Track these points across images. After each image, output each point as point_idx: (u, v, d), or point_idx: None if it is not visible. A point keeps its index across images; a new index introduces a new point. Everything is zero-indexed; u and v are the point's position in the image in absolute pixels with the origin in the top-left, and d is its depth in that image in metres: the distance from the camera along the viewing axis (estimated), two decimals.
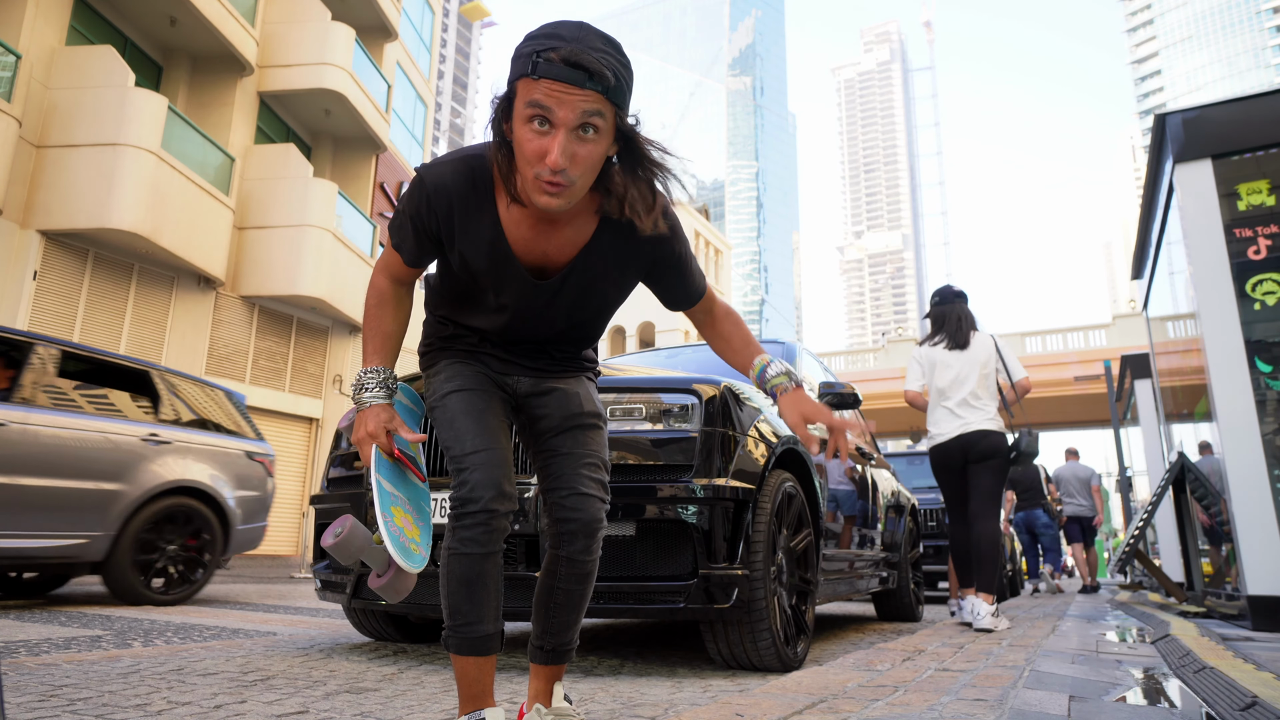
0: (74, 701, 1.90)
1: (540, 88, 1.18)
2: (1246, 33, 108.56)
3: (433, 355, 1.57)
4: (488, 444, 1.40)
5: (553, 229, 1.39)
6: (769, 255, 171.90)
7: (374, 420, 1.44)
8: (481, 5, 28.99)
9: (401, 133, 18.91)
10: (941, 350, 4.31)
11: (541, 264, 1.42)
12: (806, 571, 3.07)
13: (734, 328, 1.61)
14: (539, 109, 1.19)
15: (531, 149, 1.22)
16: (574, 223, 1.40)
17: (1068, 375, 25.83)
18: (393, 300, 1.52)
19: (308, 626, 4.08)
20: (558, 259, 1.42)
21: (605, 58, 1.20)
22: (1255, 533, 3.94)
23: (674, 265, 1.50)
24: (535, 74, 1.18)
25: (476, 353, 1.53)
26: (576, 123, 1.20)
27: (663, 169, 1.34)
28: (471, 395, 1.46)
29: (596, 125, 1.21)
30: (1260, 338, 4.22)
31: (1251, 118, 4.45)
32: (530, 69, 1.19)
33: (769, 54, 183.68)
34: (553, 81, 1.18)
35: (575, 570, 1.48)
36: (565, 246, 1.41)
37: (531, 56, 1.19)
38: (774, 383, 1.51)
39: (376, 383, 1.46)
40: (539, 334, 1.52)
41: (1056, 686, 2.06)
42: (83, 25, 11.81)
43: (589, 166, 1.25)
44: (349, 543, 1.38)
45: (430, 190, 1.36)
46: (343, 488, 3.15)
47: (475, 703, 1.39)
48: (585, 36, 1.21)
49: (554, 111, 1.19)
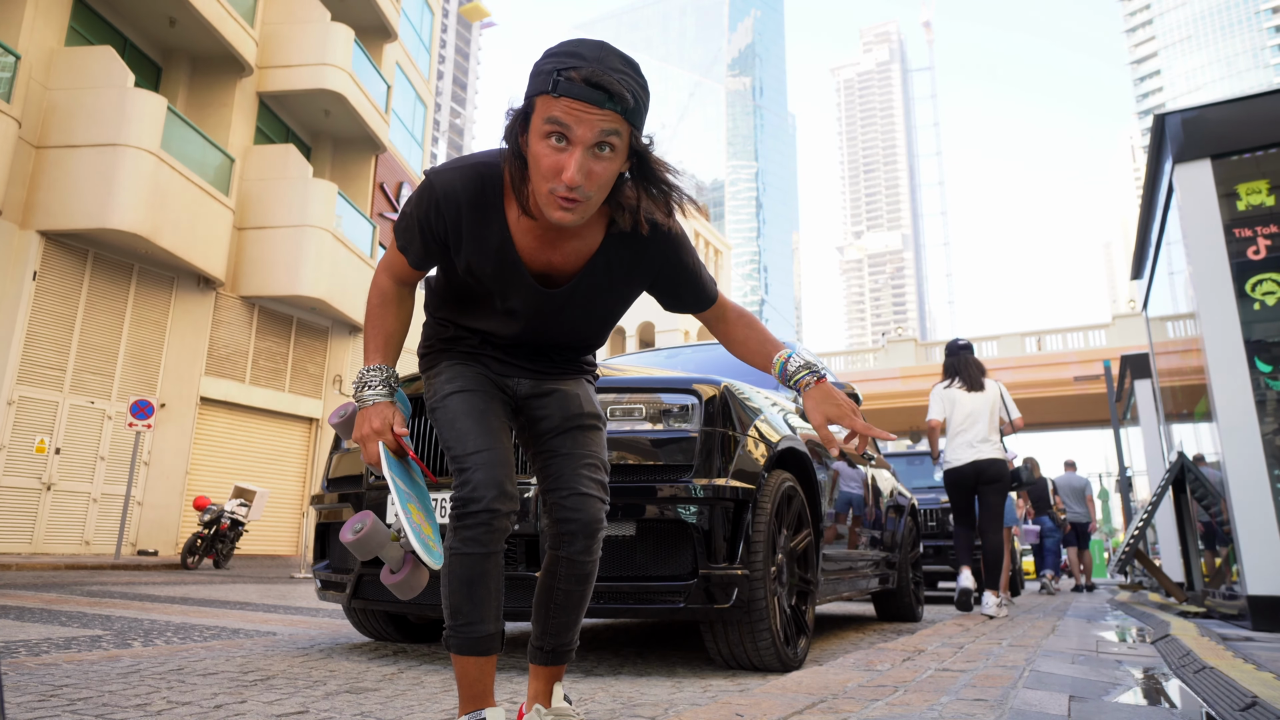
0: (74, 701, 1.90)
1: (560, 105, 1.20)
2: (1246, 33, 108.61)
3: (433, 357, 1.57)
4: (489, 444, 1.40)
5: (560, 239, 1.41)
6: (769, 255, 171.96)
7: (379, 418, 1.44)
8: (481, 5, 29.01)
9: (401, 133, 18.92)
10: (959, 391, 5.30)
11: (547, 272, 1.43)
12: (806, 571, 3.07)
13: (748, 330, 1.61)
14: (558, 126, 1.20)
15: (548, 165, 1.23)
16: (581, 234, 1.41)
17: (1068, 375, 25.82)
18: (395, 300, 1.52)
19: (308, 626, 4.08)
20: (564, 268, 1.43)
21: (625, 79, 1.21)
22: (1255, 533, 3.94)
23: (681, 273, 1.50)
24: (556, 92, 1.19)
25: (477, 354, 1.53)
26: (594, 141, 1.21)
27: (674, 189, 1.36)
28: (472, 396, 1.47)
29: (613, 144, 1.23)
30: (1260, 338, 4.22)
31: (1251, 118, 4.45)
32: (551, 87, 1.20)
33: (768, 54, 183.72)
34: (573, 100, 1.19)
35: (575, 571, 1.48)
36: (572, 256, 1.42)
37: (553, 74, 1.20)
38: (797, 378, 1.50)
39: (379, 380, 1.47)
40: (544, 340, 1.53)
41: (1056, 686, 2.06)
42: (82, 26, 11.81)
43: (603, 183, 1.26)
44: (370, 539, 1.39)
45: (440, 195, 1.37)
46: (342, 487, 3.15)
47: (476, 702, 1.39)
48: (606, 57, 1.22)
49: (572, 129, 1.20)
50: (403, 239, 1.46)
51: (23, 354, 10.48)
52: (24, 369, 10.53)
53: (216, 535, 10.38)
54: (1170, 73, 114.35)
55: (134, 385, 11.86)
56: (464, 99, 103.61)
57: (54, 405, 10.89)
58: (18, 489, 10.45)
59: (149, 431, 11.29)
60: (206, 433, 13.06)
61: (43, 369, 10.78)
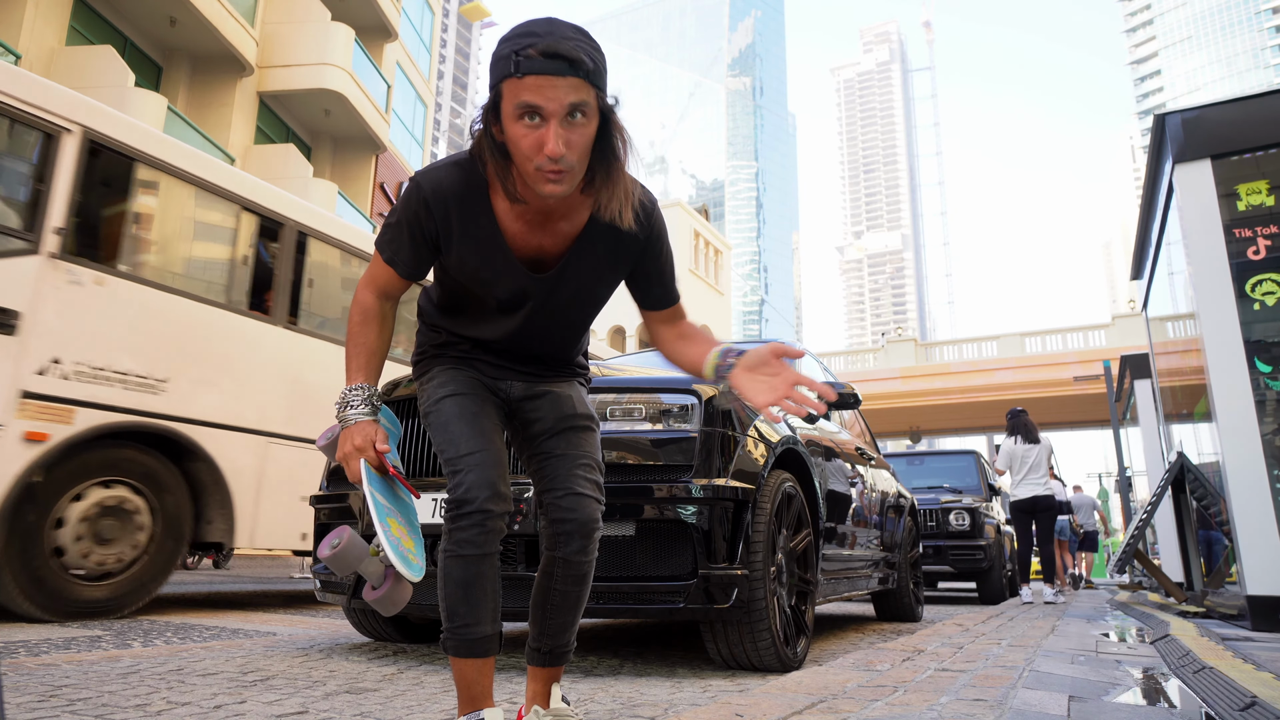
0: (74, 701, 1.90)
1: (526, 84, 1.23)
2: (1246, 33, 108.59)
3: (425, 363, 1.58)
4: (482, 445, 1.42)
5: (547, 221, 1.42)
6: (769, 255, 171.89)
7: (360, 435, 1.43)
8: (481, 5, 28.99)
9: (401, 133, 18.91)
10: (1021, 444, 7.48)
11: (538, 256, 1.45)
12: (806, 571, 3.07)
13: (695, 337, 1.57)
14: (528, 105, 1.23)
15: (528, 143, 1.26)
16: (568, 215, 1.43)
17: (1067, 375, 25.82)
18: (377, 317, 1.51)
19: (308, 626, 4.08)
20: (552, 250, 1.45)
21: (579, 45, 1.25)
22: (1255, 533, 3.94)
23: (658, 261, 1.53)
24: (519, 72, 1.22)
25: (469, 359, 1.54)
26: (565, 111, 1.24)
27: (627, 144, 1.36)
28: (465, 399, 1.48)
29: (583, 110, 1.26)
30: (1260, 338, 4.22)
31: (1251, 118, 4.45)
32: (514, 69, 1.23)
33: (769, 54, 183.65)
34: (537, 76, 1.22)
35: (572, 572, 1.49)
36: (560, 239, 1.44)
37: (511, 57, 1.23)
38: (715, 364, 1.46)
39: (361, 399, 1.46)
40: (534, 338, 1.54)
41: (1056, 686, 2.06)
42: (82, 25, 11.80)
43: (583, 149, 1.29)
44: (346, 554, 1.38)
45: (428, 193, 1.39)
46: (342, 487, 3.15)
47: (474, 704, 1.40)
48: (556, 28, 1.26)
49: (543, 105, 1.23)
50: (389, 249, 1.46)
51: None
52: None
53: None
54: (1170, 73, 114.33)
55: None
56: (464, 99, 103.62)
57: None
58: None
59: None
60: None
61: None
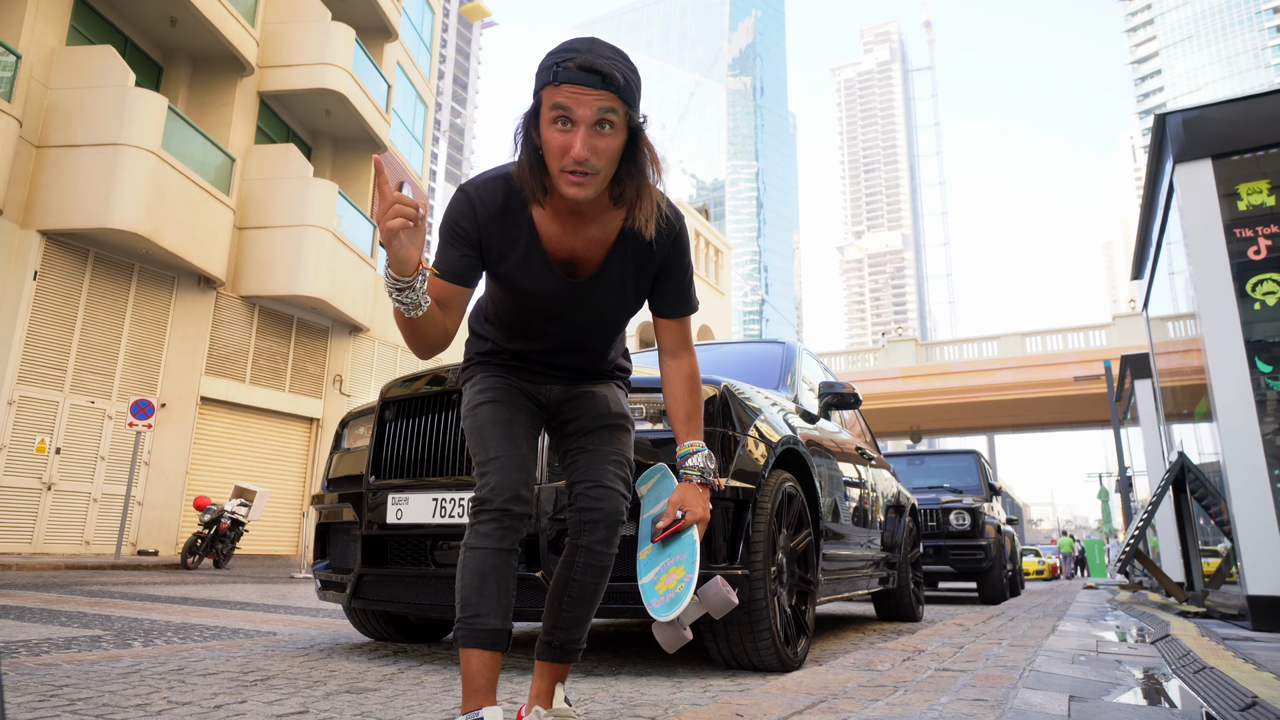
0: (74, 701, 1.90)
1: (562, 92, 1.35)
2: (1246, 33, 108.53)
3: (471, 369, 1.67)
4: (509, 450, 1.51)
5: (580, 225, 1.51)
6: (769, 255, 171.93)
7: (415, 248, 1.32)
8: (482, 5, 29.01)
9: (401, 133, 18.92)
10: None
11: (571, 259, 1.53)
12: (806, 571, 3.07)
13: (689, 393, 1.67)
14: (561, 110, 1.35)
15: (558, 145, 1.37)
16: (599, 220, 1.51)
17: (1068, 375, 25.82)
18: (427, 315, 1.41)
19: (308, 626, 4.08)
20: (585, 256, 1.53)
21: (614, 64, 1.37)
22: (1255, 533, 3.93)
23: (675, 273, 1.62)
24: (557, 81, 1.35)
25: (511, 366, 1.63)
26: (594, 119, 1.35)
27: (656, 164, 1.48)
28: (499, 406, 1.57)
29: (611, 121, 1.37)
30: (1260, 338, 4.21)
31: (1251, 118, 4.45)
32: (552, 78, 1.36)
33: (769, 54, 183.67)
34: (572, 85, 1.34)
35: (593, 561, 1.56)
36: (593, 245, 1.53)
37: (552, 67, 1.37)
38: (686, 473, 1.61)
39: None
40: (571, 337, 1.61)
41: (1056, 686, 2.06)
42: (83, 25, 11.81)
43: (609, 158, 1.39)
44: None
45: (475, 200, 1.49)
46: (342, 487, 3.15)
47: (476, 699, 1.42)
48: (597, 47, 1.39)
49: (574, 110, 1.35)
50: (436, 256, 1.54)
51: (23, 354, 10.48)
52: (24, 369, 10.53)
53: (216, 535, 10.39)
54: (1171, 73, 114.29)
55: (134, 385, 11.86)
56: (464, 99, 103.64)
57: (54, 405, 10.89)
58: (18, 489, 10.45)
59: (149, 431, 11.29)
60: (207, 433, 13.07)
61: (43, 369, 10.78)
